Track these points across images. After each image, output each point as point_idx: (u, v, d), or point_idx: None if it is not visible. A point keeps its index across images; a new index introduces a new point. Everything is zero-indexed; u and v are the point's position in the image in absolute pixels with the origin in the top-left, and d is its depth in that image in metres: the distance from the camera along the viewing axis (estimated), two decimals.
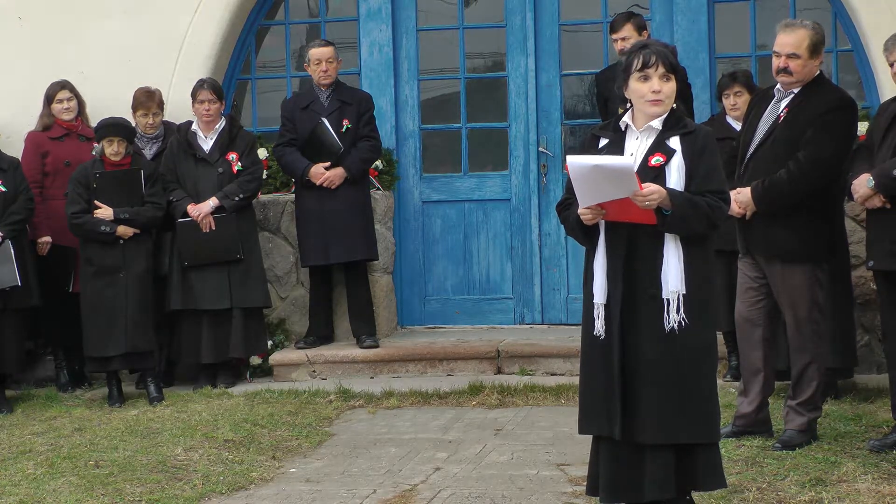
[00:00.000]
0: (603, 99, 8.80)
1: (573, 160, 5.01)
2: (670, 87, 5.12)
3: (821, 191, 6.47)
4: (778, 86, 6.61)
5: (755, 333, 6.65)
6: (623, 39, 8.46)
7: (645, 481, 5.08)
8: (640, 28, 8.55)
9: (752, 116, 6.72)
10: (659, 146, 5.11)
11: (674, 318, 5.03)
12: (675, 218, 5.00)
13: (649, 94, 5.10)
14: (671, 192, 5.00)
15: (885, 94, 8.21)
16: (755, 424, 6.68)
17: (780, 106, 6.56)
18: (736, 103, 7.99)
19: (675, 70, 5.13)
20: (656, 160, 5.08)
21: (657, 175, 5.06)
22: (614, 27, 8.59)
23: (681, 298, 5.03)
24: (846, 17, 9.08)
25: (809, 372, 6.53)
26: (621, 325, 5.08)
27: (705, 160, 5.09)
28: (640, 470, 5.09)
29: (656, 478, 5.05)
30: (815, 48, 6.46)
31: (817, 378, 6.54)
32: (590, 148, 5.27)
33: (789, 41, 6.47)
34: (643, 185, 4.95)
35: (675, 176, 5.07)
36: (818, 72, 6.56)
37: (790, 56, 6.46)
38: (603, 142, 5.25)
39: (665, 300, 5.04)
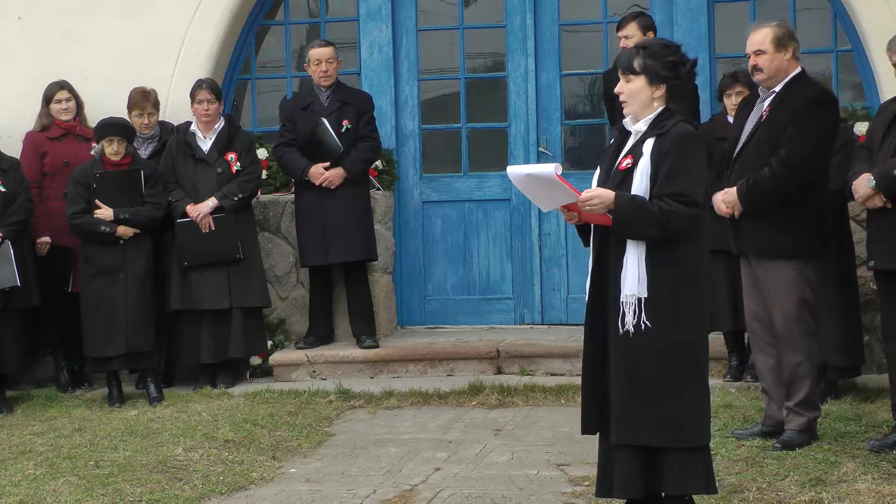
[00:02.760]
0: (609, 97, 8.79)
1: (511, 169, 5.15)
2: (630, 87, 5.13)
3: (806, 187, 6.49)
4: (761, 87, 6.68)
5: (769, 331, 6.63)
6: (626, 38, 8.46)
7: (615, 480, 5.14)
8: (646, 28, 8.56)
9: (740, 117, 6.78)
10: (634, 148, 5.13)
11: (629, 320, 5.02)
12: (620, 222, 5.01)
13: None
14: (619, 195, 5.01)
15: (885, 94, 8.21)
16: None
17: (763, 106, 6.64)
18: (737, 103, 7.98)
19: (633, 70, 5.11)
20: (626, 163, 5.11)
21: (623, 178, 5.08)
22: (620, 25, 8.60)
23: (638, 301, 5.01)
24: (846, 17, 9.08)
25: (801, 371, 6.52)
26: (594, 326, 5.14)
27: (668, 162, 5.02)
28: (612, 468, 5.17)
29: (620, 477, 5.10)
30: (780, 41, 6.54)
31: (810, 377, 6.52)
32: (607, 148, 5.35)
33: (755, 40, 6.59)
34: (586, 190, 5.01)
35: (638, 179, 5.06)
36: (798, 69, 6.61)
37: (757, 53, 6.56)
38: (610, 141, 5.32)
39: (622, 303, 5.05)
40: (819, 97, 6.56)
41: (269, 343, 9.15)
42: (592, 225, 5.16)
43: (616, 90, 5.15)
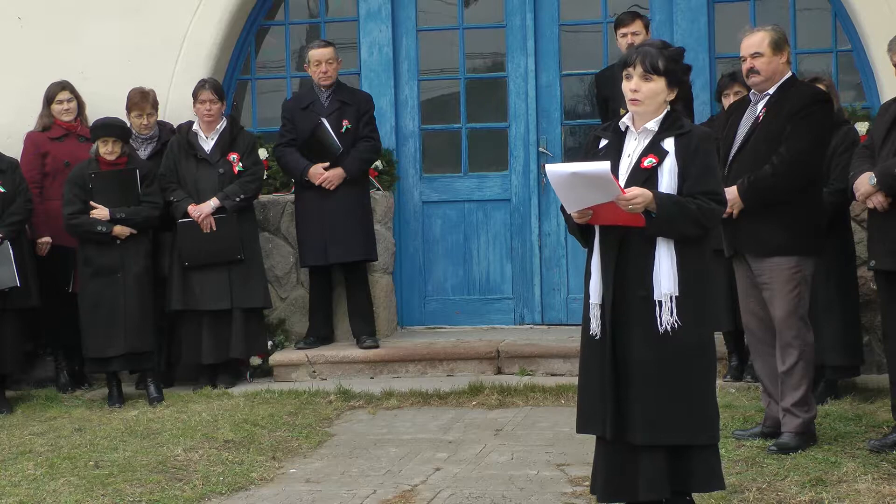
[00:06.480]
0: (602, 99, 8.80)
1: (551, 169, 5.02)
2: (650, 87, 5.10)
3: (804, 183, 6.50)
4: (752, 91, 6.70)
5: (769, 332, 6.62)
6: (634, 34, 8.44)
7: (639, 482, 5.07)
8: (647, 26, 8.58)
9: (730, 122, 6.79)
10: (653, 147, 5.11)
11: (666, 319, 5.02)
12: (661, 220, 4.98)
13: (629, 92, 5.12)
14: (658, 194, 4.99)
15: (886, 94, 8.22)
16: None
17: (757, 108, 6.67)
18: None
19: (658, 71, 5.10)
20: (648, 161, 5.09)
21: (649, 177, 5.05)
22: (624, 22, 8.56)
23: (673, 300, 5.02)
24: (846, 17, 9.08)
25: (797, 370, 6.51)
26: (613, 326, 5.08)
27: (698, 161, 5.07)
28: (635, 470, 5.08)
29: (649, 478, 5.05)
30: (777, 44, 6.59)
31: (807, 376, 6.52)
32: (592, 149, 5.28)
33: (751, 43, 6.63)
34: (627, 189, 4.95)
35: (667, 178, 5.06)
36: (789, 73, 6.67)
37: (754, 55, 6.59)
38: (603, 143, 5.25)
39: (657, 302, 5.03)
40: (815, 97, 6.61)
41: (270, 343, 9.15)
42: (599, 227, 5.11)
43: (632, 87, 5.08)
